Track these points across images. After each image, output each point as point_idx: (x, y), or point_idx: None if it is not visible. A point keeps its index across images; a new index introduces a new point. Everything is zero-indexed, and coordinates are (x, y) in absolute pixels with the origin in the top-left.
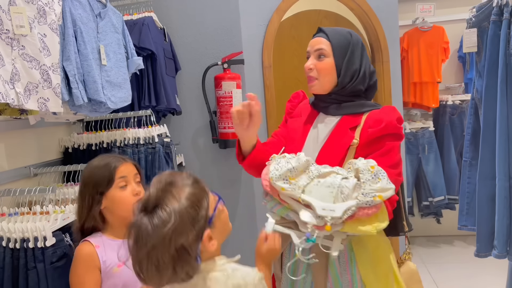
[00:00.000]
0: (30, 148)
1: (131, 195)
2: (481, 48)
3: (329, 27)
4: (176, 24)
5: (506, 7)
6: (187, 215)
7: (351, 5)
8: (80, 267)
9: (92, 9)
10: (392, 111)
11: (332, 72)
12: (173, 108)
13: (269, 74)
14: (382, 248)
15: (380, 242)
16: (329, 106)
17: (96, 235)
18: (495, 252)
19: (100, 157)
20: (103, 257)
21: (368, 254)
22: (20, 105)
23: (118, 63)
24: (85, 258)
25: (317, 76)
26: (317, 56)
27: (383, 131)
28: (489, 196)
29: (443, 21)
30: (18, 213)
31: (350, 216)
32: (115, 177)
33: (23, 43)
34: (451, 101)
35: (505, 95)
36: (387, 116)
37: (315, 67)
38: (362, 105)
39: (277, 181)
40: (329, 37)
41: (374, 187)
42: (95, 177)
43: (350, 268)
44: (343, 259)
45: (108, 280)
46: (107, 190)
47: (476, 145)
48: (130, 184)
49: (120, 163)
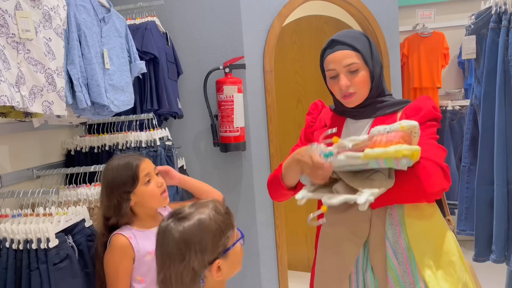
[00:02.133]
0: (33, 150)
1: (156, 187)
2: (480, 55)
3: (342, 35)
4: (179, 29)
5: (504, 15)
6: (210, 237)
7: (352, 11)
8: (116, 256)
9: (96, 14)
10: (428, 99)
11: (368, 82)
12: (175, 111)
13: (270, 79)
14: (443, 238)
15: (438, 231)
16: (362, 110)
17: (126, 228)
18: (493, 256)
19: (117, 158)
20: (136, 246)
21: (429, 247)
22: (25, 108)
23: (121, 67)
24: (120, 248)
25: (355, 90)
26: (348, 71)
27: (423, 118)
28: (487, 201)
29: (443, 27)
30: (22, 215)
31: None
32: (139, 176)
33: (29, 47)
34: (451, 106)
35: (503, 101)
36: (425, 104)
37: (352, 84)
38: (394, 104)
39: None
40: (356, 48)
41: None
42: (120, 178)
43: (410, 269)
44: (402, 259)
45: (141, 266)
46: (134, 188)
47: (474, 150)
48: (153, 178)
49: (140, 161)
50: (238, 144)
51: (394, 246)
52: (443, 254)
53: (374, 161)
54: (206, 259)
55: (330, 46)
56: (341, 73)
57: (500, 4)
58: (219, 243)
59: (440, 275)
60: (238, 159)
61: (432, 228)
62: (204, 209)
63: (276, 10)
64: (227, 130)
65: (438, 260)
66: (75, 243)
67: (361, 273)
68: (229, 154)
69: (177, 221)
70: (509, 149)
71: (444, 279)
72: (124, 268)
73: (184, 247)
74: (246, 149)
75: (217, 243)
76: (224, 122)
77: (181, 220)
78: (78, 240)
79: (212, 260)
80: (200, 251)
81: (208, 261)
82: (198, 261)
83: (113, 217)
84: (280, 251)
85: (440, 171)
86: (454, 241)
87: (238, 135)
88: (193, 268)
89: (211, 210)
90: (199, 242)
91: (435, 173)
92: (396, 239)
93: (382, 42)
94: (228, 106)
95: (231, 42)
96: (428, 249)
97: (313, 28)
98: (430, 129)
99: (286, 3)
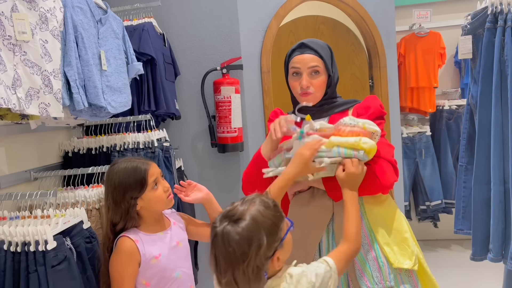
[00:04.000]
0: (30, 152)
1: (163, 192)
2: (476, 55)
3: (311, 41)
4: (176, 30)
5: (500, 15)
6: (267, 233)
7: (349, 11)
8: (122, 259)
9: (93, 15)
10: (375, 99)
11: (325, 86)
12: (173, 112)
13: (268, 79)
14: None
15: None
16: (318, 111)
17: (132, 231)
18: (491, 255)
19: (123, 161)
20: (143, 250)
21: (387, 230)
22: (21, 110)
23: (118, 68)
24: (127, 251)
25: (313, 91)
26: (310, 73)
27: (372, 115)
28: (484, 201)
29: (439, 27)
30: (19, 217)
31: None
32: (148, 181)
33: (25, 49)
34: (447, 106)
35: (500, 101)
36: (373, 103)
37: (311, 85)
38: (344, 103)
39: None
40: (321, 55)
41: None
42: (128, 182)
43: (373, 248)
44: (365, 241)
45: (147, 270)
46: (142, 194)
47: (471, 150)
48: (160, 182)
49: (148, 165)
50: (236, 145)
51: None
52: (398, 232)
53: (336, 149)
54: (267, 254)
55: (300, 48)
56: (304, 72)
57: (496, 4)
58: (276, 237)
59: (397, 250)
60: (235, 160)
61: (387, 211)
62: (253, 206)
63: (273, 11)
64: (225, 131)
65: (394, 238)
66: (73, 245)
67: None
68: (227, 155)
69: (233, 223)
70: (506, 148)
71: (400, 254)
72: (129, 272)
73: (246, 246)
74: (244, 150)
75: (274, 237)
76: (221, 123)
77: (237, 221)
78: (76, 242)
79: (272, 253)
80: (261, 248)
81: (269, 256)
82: (260, 258)
83: (120, 222)
84: None
85: (391, 168)
86: (405, 220)
87: (235, 136)
88: (257, 265)
89: (259, 205)
90: (258, 239)
91: (388, 169)
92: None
93: (379, 42)
94: (226, 106)
95: (228, 43)
96: (386, 229)
97: (310, 29)
98: (379, 127)
99: (283, 3)
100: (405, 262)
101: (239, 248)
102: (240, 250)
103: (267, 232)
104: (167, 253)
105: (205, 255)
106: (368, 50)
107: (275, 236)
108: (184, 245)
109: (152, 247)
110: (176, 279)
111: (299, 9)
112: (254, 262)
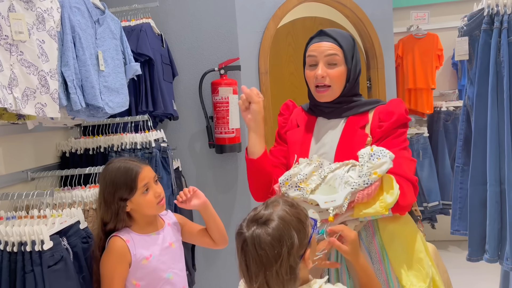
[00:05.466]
0: (27, 152)
1: (154, 197)
2: (473, 56)
3: (331, 29)
4: (174, 30)
5: (496, 16)
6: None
7: (347, 13)
8: (113, 259)
9: (90, 16)
10: (400, 103)
11: (344, 79)
12: (170, 113)
13: (266, 80)
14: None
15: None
16: (334, 110)
17: (125, 231)
18: (487, 256)
19: (118, 161)
20: (134, 251)
21: (400, 248)
22: (17, 110)
23: (116, 68)
24: (117, 251)
25: (330, 83)
26: (327, 62)
27: (397, 122)
28: (480, 201)
29: (437, 28)
30: (16, 217)
31: (351, 202)
32: (138, 185)
33: (22, 49)
34: (445, 107)
35: (496, 102)
36: (397, 109)
37: (328, 75)
38: (365, 104)
39: (289, 191)
40: (341, 43)
41: (369, 166)
42: (118, 183)
43: (384, 267)
44: (376, 258)
45: (137, 271)
46: (131, 197)
47: (468, 151)
48: (152, 188)
49: (140, 168)
50: (234, 146)
51: (368, 246)
52: (413, 252)
53: (364, 218)
54: (299, 252)
55: (318, 35)
56: (321, 61)
57: (492, 5)
58: (305, 234)
59: (411, 272)
60: (233, 160)
61: (402, 228)
62: (278, 207)
63: (271, 12)
64: (222, 132)
65: (408, 258)
66: (69, 245)
67: (335, 273)
68: (225, 156)
69: (262, 225)
70: (502, 149)
71: (414, 275)
72: (119, 272)
73: (278, 246)
74: (241, 151)
75: (303, 235)
76: (219, 124)
77: (265, 223)
78: (73, 242)
79: (303, 251)
80: (293, 246)
81: (301, 253)
82: (293, 257)
83: (110, 222)
84: None
85: (411, 187)
86: (421, 238)
87: (233, 137)
88: (290, 265)
89: (284, 205)
90: (290, 237)
91: (408, 190)
92: (370, 240)
93: (376, 44)
94: (224, 107)
95: (226, 43)
96: (400, 248)
97: (308, 30)
98: (401, 137)
99: (281, 4)
100: (418, 284)
101: (272, 249)
102: (272, 251)
103: (297, 230)
104: (158, 254)
105: (202, 256)
106: (366, 52)
107: (304, 233)
108: (177, 246)
109: (143, 248)
110: (168, 280)
111: (297, 10)
112: (288, 262)
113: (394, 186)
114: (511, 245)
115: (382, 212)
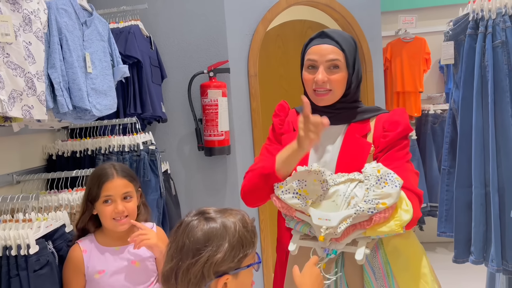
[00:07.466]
0: (13, 155)
1: (112, 212)
2: (458, 60)
3: (333, 31)
4: (163, 33)
5: (481, 21)
6: (229, 246)
7: (335, 16)
8: (70, 268)
9: (78, 17)
10: (404, 113)
11: (344, 84)
12: (159, 115)
13: (255, 83)
14: (417, 252)
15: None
16: (334, 115)
17: (89, 239)
18: (472, 258)
19: (102, 166)
20: (87, 263)
21: (405, 263)
22: (4, 112)
23: (103, 71)
24: (73, 261)
25: (330, 88)
26: (328, 66)
27: (402, 133)
28: (466, 204)
29: (424, 32)
30: (1, 221)
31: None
32: (100, 194)
33: (8, 51)
34: (432, 110)
35: (481, 105)
36: (403, 119)
37: (328, 80)
38: (366, 111)
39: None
40: (343, 46)
41: (377, 192)
42: (88, 184)
43: (388, 283)
44: (379, 274)
45: (90, 284)
46: (95, 201)
47: (454, 153)
48: (115, 202)
49: (110, 178)
50: (223, 148)
51: (372, 261)
52: (418, 267)
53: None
54: (217, 267)
55: (319, 37)
56: (321, 66)
57: (477, 10)
58: (235, 257)
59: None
60: (222, 163)
61: (406, 243)
62: (232, 218)
63: (260, 15)
64: (212, 134)
65: (413, 273)
66: (55, 248)
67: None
68: (214, 158)
69: (203, 220)
70: (487, 152)
71: None
72: (76, 284)
73: (202, 245)
74: (231, 153)
75: (233, 255)
76: (208, 126)
77: (207, 220)
78: (59, 245)
79: (223, 272)
80: (215, 255)
81: (218, 271)
82: (209, 264)
83: (80, 220)
84: (265, 255)
85: (417, 201)
86: (424, 253)
87: (222, 139)
88: (202, 270)
89: (238, 221)
90: (217, 245)
91: (414, 204)
92: (374, 255)
93: (365, 47)
94: (213, 110)
95: (215, 46)
96: (405, 263)
97: (297, 33)
98: (404, 150)
99: (270, 7)
100: None
101: (195, 244)
102: (195, 245)
103: (230, 245)
104: (113, 270)
105: None
106: None
107: (235, 256)
108: (142, 266)
109: (99, 261)
110: None
111: (286, 13)
112: (202, 266)
113: (408, 203)
114: (496, 247)
115: (397, 231)
